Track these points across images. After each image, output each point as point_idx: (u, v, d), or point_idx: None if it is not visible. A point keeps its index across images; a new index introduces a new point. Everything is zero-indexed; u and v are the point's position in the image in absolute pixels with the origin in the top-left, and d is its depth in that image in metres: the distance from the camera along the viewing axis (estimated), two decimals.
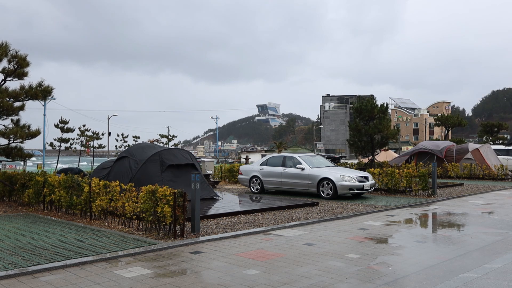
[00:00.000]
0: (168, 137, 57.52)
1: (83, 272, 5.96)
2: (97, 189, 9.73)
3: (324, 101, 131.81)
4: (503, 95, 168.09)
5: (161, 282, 5.51)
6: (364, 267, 6.15)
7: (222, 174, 22.71)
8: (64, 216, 10.59)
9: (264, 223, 9.67)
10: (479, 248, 7.39)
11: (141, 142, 32.01)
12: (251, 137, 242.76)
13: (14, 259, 6.47)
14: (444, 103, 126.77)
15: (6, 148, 14.01)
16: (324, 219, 10.21)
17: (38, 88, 14.09)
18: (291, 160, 15.56)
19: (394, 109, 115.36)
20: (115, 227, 9.03)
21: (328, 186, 14.20)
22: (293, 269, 6.07)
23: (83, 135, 39.07)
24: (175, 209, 7.88)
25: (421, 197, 14.67)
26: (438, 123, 52.65)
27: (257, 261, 6.50)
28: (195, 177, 8.38)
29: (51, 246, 7.34)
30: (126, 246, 7.30)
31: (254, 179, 16.26)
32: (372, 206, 12.54)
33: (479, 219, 10.65)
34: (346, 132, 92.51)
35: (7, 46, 13.70)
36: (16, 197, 13.37)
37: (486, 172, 22.89)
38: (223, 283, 5.46)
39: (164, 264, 6.36)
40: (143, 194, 8.41)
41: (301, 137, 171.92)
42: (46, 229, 8.92)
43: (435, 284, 5.33)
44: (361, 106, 27.84)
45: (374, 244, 7.72)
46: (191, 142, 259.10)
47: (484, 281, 5.44)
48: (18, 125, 14.12)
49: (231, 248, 7.35)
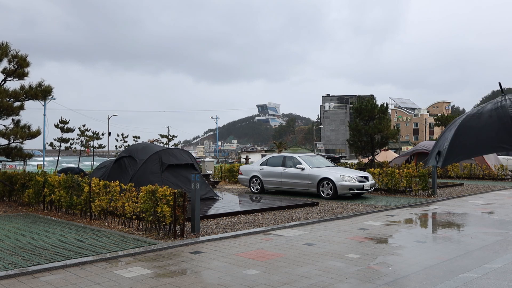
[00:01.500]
0: (168, 137, 57.50)
1: (83, 272, 5.96)
2: (97, 189, 9.73)
3: (324, 101, 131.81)
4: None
5: (161, 282, 5.51)
6: (364, 267, 6.15)
7: (222, 174, 22.70)
8: (64, 216, 10.59)
9: (264, 223, 9.67)
10: (479, 248, 7.39)
11: (141, 142, 32.01)
12: (251, 137, 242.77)
13: (14, 259, 6.47)
14: (444, 103, 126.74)
15: (6, 148, 14.01)
16: (324, 219, 10.21)
17: (38, 88, 14.09)
18: (291, 160, 15.56)
19: (394, 109, 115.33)
20: (115, 227, 9.03)
21: (328, 186, 14.20)
22: (293, 269, 6.07)
23: (83, 135, 39.06)
24: (175, 209, 7.87)
25: (421, 197, 14.67)
26: (438, 123, 52.71)
27: (257, 261, 6.50)
28: (195, 177, 8.39)
29: (51, 246, 7.34)
30: (126, 246, 7.30)
31: (254, 179, 16.26)
32: (372, 206, 12.54)
33: (479, 219, 10.65)
34: (346, 132, 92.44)
35: (8, 46, 13.70)
36: (16, 197, 13.37)
37: (486, 172, 22.89)
38: (223, 283, 5.46)
39: (164, 264, 6.36)
40: (143, 194, 8.41)
41: (301, 137, 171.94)
42: (46, 229, 8.92)
43: (435, 284, 5.33)
44: (361, 106, 27.85)
45: (374, 244, 7.72)
46: (191, 142, 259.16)
47: (484, 281, 5.44)
48: (18, 125, 14.12)
49: (231, 248, 7.35)
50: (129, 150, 13.45)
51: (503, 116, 3.04)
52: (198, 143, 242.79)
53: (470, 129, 3.23)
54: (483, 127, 3.15)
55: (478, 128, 3.18)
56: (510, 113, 3.04)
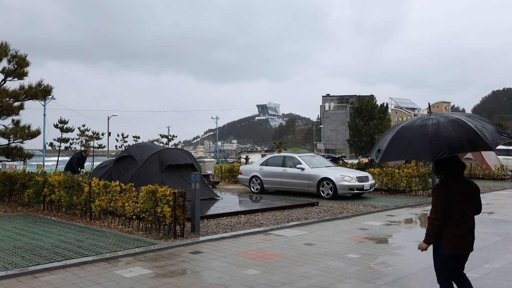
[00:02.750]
0: (168, 137, 57.52)
1: (83, 272, 5.95)
2: (97, 189, 9.73)
3: (324, 101, 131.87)
4: (503, 95, 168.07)
5: (161, 282, 5.51)
6: (364, 267, 6.15)
7: (222, 174, 22.70)
8: (64, 216, 10.59)
9: (264, 223, 9.67)
10: (479, 248, 7.38)
11: (141, 142, 32.00)
12: (251, 137, 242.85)
13: (14, 259, 6.46)
14: (444, 103, 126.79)
15: (6, 148, 14.01)
16: (324, 219, 10.21)
17: (38, 88, 14.09)
18: (291, 160, 15.56)
19: (394, 109, 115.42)
20: (115, 227, 9.03)
21: (328, 186, 14.20)
22: (293, 269, 6.06)
23: (83, 135, 39.06)
24: (175, 209, 7.87)
25: (421, 197, 14.67)
26: None
27: (257, 261, 6.49)
28: (195, 177, 8.38)
29: (51, 246, 7.33)
30: (126, 246, 7.29)
31: (254, 179, 16.26)
32: (372, 206, 12.54)
33: (479, 219, 10.63)
34: (346, 132, 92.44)
35: (7, 46, 13.70)
36: (16, 197, 13.36)
37: (486, 172, 22.89)
38: (223, 283, 5.45)
39: (164, 264, 6.36)
40: (143, 194, 8.41)
41: (301, 137, 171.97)
42: (46, 229, 8.92)
43: (435, 284, 5.32)
44: (361, 106, 27.88)
45: (374, 244, 7.72)
46: (191, 142, 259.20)
47: (484, 281, 5.44)
48: (18, 125, 14.11)
49: (231, 248, 7.35)
50: (129, 150, 13.44)
51: (424, 133, 3.79)
52: (198, 143, 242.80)
53: (403, 138, 3.99)
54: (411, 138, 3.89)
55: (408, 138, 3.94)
56: (430, 132, 3.76)
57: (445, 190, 3.88)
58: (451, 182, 3.93)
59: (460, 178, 3.96)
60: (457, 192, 3.89)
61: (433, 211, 3.92)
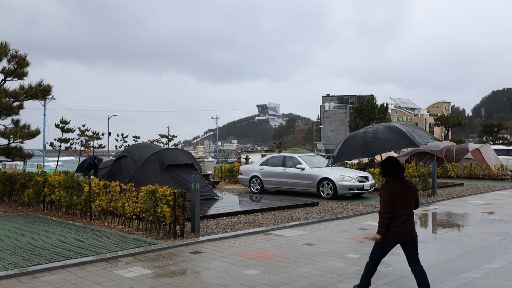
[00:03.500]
0: (168, 137, 57.49)
1: (83, 272, 5.95)
2: (97, 189, 9.73)
3: (324, 101, 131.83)
4: (503, 95, 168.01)
5: (161, 282, 5.51)
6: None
7: (222, 174, 22.70)
8: (64, 216, 10.59)
9: (264, 223, 9.67)
10: (479, 248, 7.38)
11: (141, 142, 31.98)
12: (251, 137, 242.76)
13: (14, 259, 6.46)
14: (444, 103, 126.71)
15: (6, 148, 14.01)
16: (324, 219, 10.21)
17: (38, 88, 14.10)
18: (291, 160, 15.56)
19: (394, 109, 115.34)
20: (115, 227, 9.03)
21: (328, 186, 14.20)
22: (293, 269, 6.06)
23: (83, 135, 39.05)
24: (175, 209, 7.87)
25: (421, 197, 14.66)
26: (438, 123, 52.70)
27: (257, 261, 6.49)
28: (195, 177, 8.38)
29: (51, 246, 7.33)
30: (126, 246, 7.29)
31: (254, 179, 16.26)
32: (372, 206, 12.54)
33: (479, 219, 10.65)
34: (346, 132, 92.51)
35: (7, 46, 13.70)
36: (16, 197, 13.36)
37: (486, 172, 22.88)
38: (223, 283, 5.45)
39: (164, 264, 6.36)
40: (143, 194, 8.41)
41: (301, 137, 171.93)
42: (46, 229, 8.92)
43: (435, 284, 5.32)
44: (361, 106, 27.89)
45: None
46: (191, 142, 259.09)
47: (484, 281, 5.44)
48: (18, 125, 14.12)
49: (231, 248, 7.35)
50: (129, 150, 13.45)
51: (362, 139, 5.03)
52: (198, 143, 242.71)
53: (349, 143, 5.22)
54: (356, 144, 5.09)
55: (353, 143, 5.15)
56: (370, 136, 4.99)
57: (390, 188, 4.49)
58: (395, 182, 4.53)
59: (401, 179, 4.58)
60: (400, 189, 4.48)
61: (382, 206, 4.51)
